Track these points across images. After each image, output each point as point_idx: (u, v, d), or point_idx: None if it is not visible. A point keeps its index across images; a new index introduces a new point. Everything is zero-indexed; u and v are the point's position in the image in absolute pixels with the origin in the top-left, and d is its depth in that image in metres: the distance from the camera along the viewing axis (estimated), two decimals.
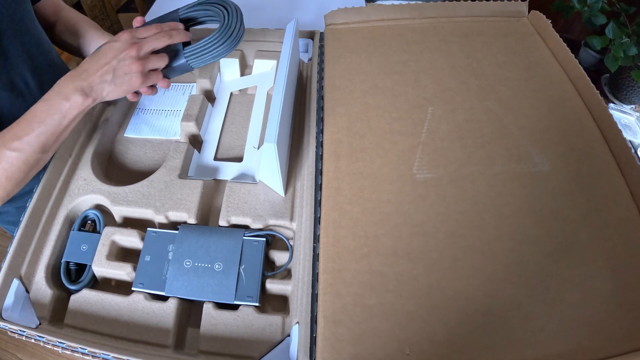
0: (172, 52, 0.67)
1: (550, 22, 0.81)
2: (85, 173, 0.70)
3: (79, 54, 0.83)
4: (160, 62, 0.64)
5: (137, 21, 0.68)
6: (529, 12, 0.86)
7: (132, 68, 0.60)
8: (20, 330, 0.55)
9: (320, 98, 0.74)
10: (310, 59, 0.87)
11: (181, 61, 0.67)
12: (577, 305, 0.50)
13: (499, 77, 0.74)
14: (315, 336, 0.50)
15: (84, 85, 0.58)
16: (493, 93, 0.71)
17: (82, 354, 0.53)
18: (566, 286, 0.51)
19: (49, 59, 0.77)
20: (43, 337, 0.54)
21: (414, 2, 0.86)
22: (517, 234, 0.55)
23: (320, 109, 0.73)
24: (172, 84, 0.86)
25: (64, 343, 0.53)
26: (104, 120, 0.78)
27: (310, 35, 0.90)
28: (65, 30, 0.83)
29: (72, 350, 0.54)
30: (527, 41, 0.81)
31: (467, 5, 0.85)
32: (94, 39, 0.80)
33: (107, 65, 0.58)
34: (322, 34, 0.89)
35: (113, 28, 1.54)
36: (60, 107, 0.57)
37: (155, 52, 0.64)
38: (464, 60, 0.77)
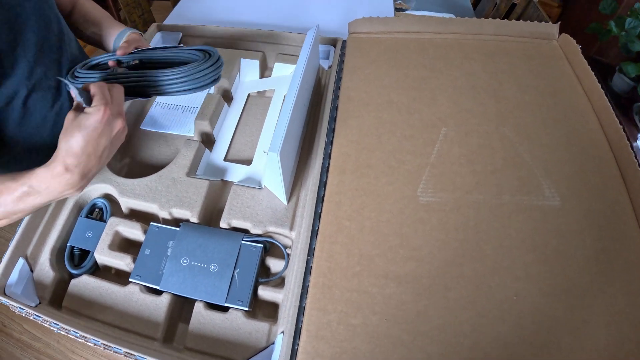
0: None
1: (582, 46, 0.78)
2: None
3: (93, 42, 0.85)
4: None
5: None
6: (559, 34, 0.84)
7: (124, 136, 0.58)
8: (20, 307, 0.57)
9: (334, 108, 0.74)
10: (330, 67, 0.87)
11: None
12: (569, 351, 0.48)
13: (519, 101, 0.72)
14: (297, 348, 0.50)
15: (84, 184, 0.54)
16: (511, 118, 0.69)
17: (75, 337, 0.55)
18: (559, 330, 0.49)
19: (71, 51, 0.79)
20: (40, 317, 0.56)
21: (440, 16, 0.84)
22: (515, 270, 0.54)
23: (333, 119, 0.72)
24: None
25: (58, 325, 0.55)
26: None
27: (333, 42, 0.89)
28: (81, 19, 0.85)
29: (65, 332, 0.56)
30: (554, 66, 0.78)
31: (495, 24, 0.83)
32: (108, 27, 0.81)
33: (105, 152, 0.54)
34: (344, 41, 0.88)
35: (144, 17, 1.56)
36: (50, 201, 0.54)
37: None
38: (486, 81, 0.75)
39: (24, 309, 0.57)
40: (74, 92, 0.53)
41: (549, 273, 0.54)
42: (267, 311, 0.61)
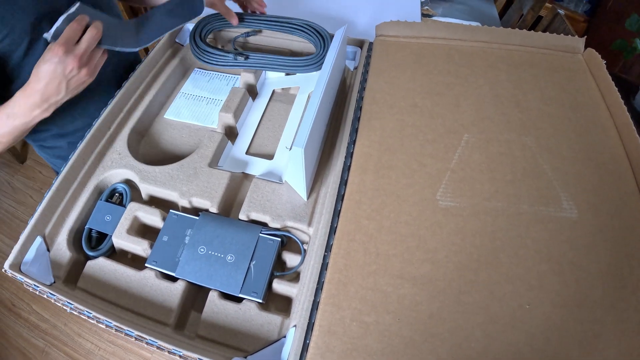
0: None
1: (606, 63, 0.78)
2: (120, 147, 0.73)
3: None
4: (99, 53, 0.67)
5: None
6: (585, 48, 0.84)
7: (82, 76, 0.65)
8: (35, 285, 0.58)
9: (358, 109, 0.75)
10: (356, 68, 0.88)
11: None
12: None
13: (542, 112, 0.72)
14: (309, 343, 0.51)
15: (44, 107, 0.65)
16: (533, 129, 0.70)
17: (87, 317, 0.56)
18: (569, 341, 0.50)
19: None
20: (55, 295, 0.57)
21: (467, 24, 0.85)
22: (529, 279, 0.54)
23: (357, 119, 0.73)
24: (217, 73, 0.89)
25: (72, 304, 0.56)
26: (147, 100, 0.81)
27: (360, 43, 0.90)
28: None
29: (78, 312, 0.57)
30: (578, 79, 0.78)
31: (521, 34, 0.84)
32: None
33: (58, 87, 0.63)
34: (371, 44, 0.89)
35: None
36: (25, 123, 0.66)
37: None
38: (510, 91, 0.76)
39: (38, 287, 0.58)
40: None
41: (562, 284, 0.54)
42: (280, 305, 0.62)
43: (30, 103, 0.64)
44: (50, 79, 0.62)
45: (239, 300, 0.59)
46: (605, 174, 0.65)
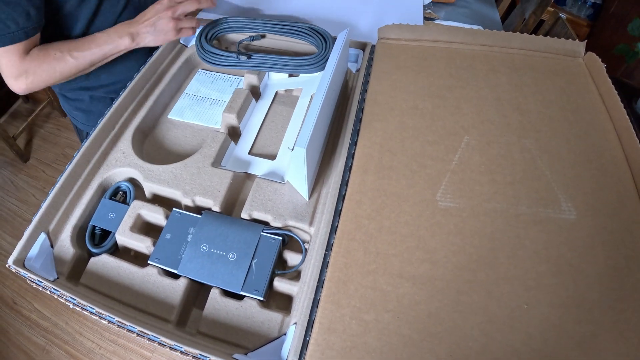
0: None
1: (608, 67, 0.78)
2: (124, 146, 0.74)
3: None
4: (190, 23, 0.84)
5: None
6: (586, 52, 0.84)
7: (168, 25, 0.80)
8: (38, 281, 0.59)
9: (360, 110, 0.75)
10: (358, 70, 0.88)
11: None
12: None
13: (542, 115, 0.73)
14: (308, 340, 0.52)
15: (133, 31, 0.80)
16: (533, 131, 0.70)
17: (90, 313, 0.57)
18: (567, 342, 0.50)
19: None
20: (58, 291, 0.58)
21: (469, 27, 0.86)
22: (527, 279, 0.55)
23: (358, 121, 0.74)
24: (221, 74, 0.90)
25: (75, 299, 0.57)
26: (151, 100, 0.82)
27: (362, 46, 0.91)
28: None
29: (81, 308, 0.57)
30: (579, 83, 0.79)
31: (522, 38, 0.84)
32: None
33: (149, 21, 0.79)
34: (373, 46, 0.90)
35: None
36: (113, 41, 0.79)
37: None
38: (510, 94, 0.76)
39: (41, 282, 0.59)
40: None
41: (560, 285, 0.54)
42: (281, 303, 0.62)
43: (128, 31, 0.80)
44: (149, 14, 0.81)
45: (240, 297, 0.60)
46: (605, 176, 0.65)
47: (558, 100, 0.76)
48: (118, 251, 0.68)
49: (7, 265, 0.60)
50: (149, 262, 0.62)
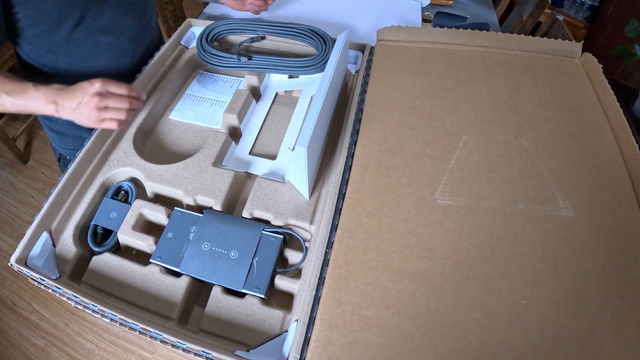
0: None
1: (605, 68, 0.79)
2: (126, 146, 0.74)
3: None
4: (116, 114, 0.70)
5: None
6: (582, 53, 0.85)
7: (91, 114, 0.69)
8: (41, 279, 0.59)
9: (360, 111, 0.76)
10: (357, 71, 0.89)
11: None
12: (573, 356, 0.50)
13: (539, 115, 0.74)
14: (310, 336, 0.52)
15: (59, 102, 0.70)
16: (530, 131, 0.71)
17: (92, 311, 0.57)
18: (564, 337, 0.51)
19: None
20: (60, 289, 0.58)
21: (467, 30, 0.87)
22: (525, 276, 0.56)
23: (358, 121, 0.74)
24: (221, 76, 0.91)
25: (77, 297, 0.57)
26: (152, 100, 0.82)
27: (361, 47, 0.92)
28: None
29: (83, 306, 0.58)
30: (575, 83, 0.80)
31: (519, 39, 0.85)
32: None
33: (75, 99, 0.69)
34: (372, 48, 0.91)
35: (175, 13, 1.60)
36: (39, 102, 0.70)
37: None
38: (507, 94, 0.77)
39: (44, 281, 0.59)
40: None
41: (558, 282, 0.55)
42: (282, 301, 0.63)
43: (54, 99, 0.70)
44: (77, 92, 0.70)
45: (241, 295, 0.60)
46: (601, 175, 0.66)
47: (555, 101, 0.76)
48: (120, 250, 0.68)
49: (9, 264, 0.60)
50: (151, 260, 0.62)
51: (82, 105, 0.69)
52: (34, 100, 0.71)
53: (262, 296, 0.59)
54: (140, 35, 0.93)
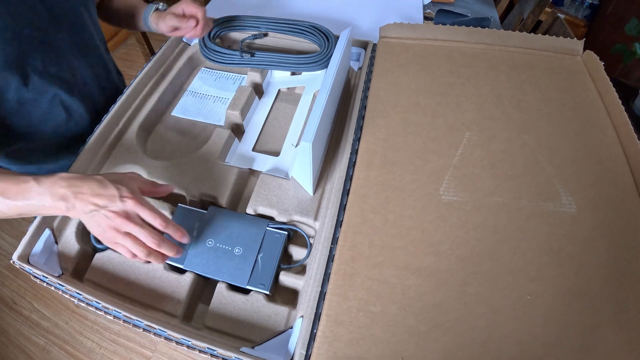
0: None
1: (604, 64, 0.80)
2: (128, 143, 0.74)
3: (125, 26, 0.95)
4: (138, 250, 0.56)
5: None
6: (583, 51, 0.85)
7: (106, 231, 0.56)
8: (43, 276, 0.59)
9: (363, 107, 0.76)
10: (360, 68, 0.89)
11: None
12: (577, 352, 0.50)
13: (542, 112, 0.74)
14: (316, 332, 0.52)
15: (70, 199, 0.55)
16: (533, 128, 0.71)
17: (96, 308, 0.57)
18: (569, 331, 0.51)
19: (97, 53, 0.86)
20: (63, 286, 0.58)
21: (469, 27, 0.87)
22: (530, 271, 0.56)
23: (361, 117, 0.74)
24: (224, 72, 0.91)
25: (81, 294, 0.57)
26: (155, 97, 0.83)
27: (364, 45, 0.92)
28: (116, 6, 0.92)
29: (87, 303, 0.57)
30: (577, 80, 0.80)
31: (521, 36, 0.85)
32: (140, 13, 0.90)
33: (95, 206, 0.54)
34: (375, 45, 0.91)
35: None
36: (42, 201, 0.55)
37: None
38: (510, 91, 0.77)
39: (46, 278, 0.59)
40: None
41: (562, 277, 0.55)
42: (286, 297, 0.63)
43: (64, 194, 0.55)
44: (102, 197, 0.55)
45: (246, 292, 0.60)
46: (603, 171, 0.66)
47: (557, 98, 0.77)
48: None
49: (11, 261, 0.60)
50: None
51: (100, 215, 0.55)
52: (37, 199, 0.54)
53: (267, 292, 0.59)
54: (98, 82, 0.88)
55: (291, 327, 0.57)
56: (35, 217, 0.63)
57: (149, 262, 0.59)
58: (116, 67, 1.00)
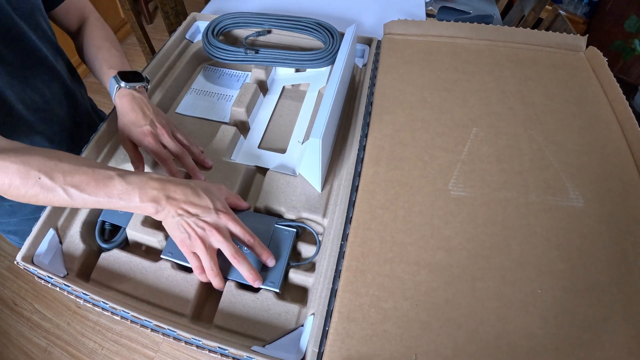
0: None
1: (607, 60, 0.80)
2: None
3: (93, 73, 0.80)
4: (214, 272, 0.57)
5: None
6: (587, 47, 0.86)
7: (193, 242, 0.56)
8: (48, 277, 0.58)
9: (369, 104, 0.76)
10: (365, 65, 0.89)
11: None
12: (587, 345, 0.50)
13: (547, 107, 0.74)
14: (328, 330, 0.52)
15: (162, 205, 0.54)
16: (539, 123, 0.72)
17: (103, 308, 0.56)
18: (579, 324, 0.51)
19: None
20: (69, 287, 0.57)
21: (473, 24, 0.87)
22: (539, 265, 0.56)
23: (368, 114, 0.75)
24: (227, 70, 0.91)
25: (87, 295, 0.56)
26: (158, 95, 0.82)
27: (368, 41, 0.92)
28: (84, 46, 0.80)
29: (93, 304, 0.57)
30: (581, 76, 0.80)
31: (525, 33, 0.86)
32: (104, 72, 0.74)
33: (186, 213, 0.55)
34: (379, 41, 0.91)
35: (176, 9, 1.58)
36: (131, 200, 0.53)
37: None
38: (515, 87, 0.78)
39: (52, 279, 0.58)
40: None
41: (572, 270, 0.56)
42: (296, 294, 0.63)
43: (156, 196, 0.54)
44: (203, 202, 0.56)
45: (255, 290, 0.60)
46: (609, 165, 0.67)
47: (561, 93, 0.77)
48: (128, 246, 0.67)
49: (15, 262, 0.59)
50: (161, 256, 0.62)
51: (189, 221, 0.54)
52: (122, 197, 0.53)
53: (277, 290, 0.59)
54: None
55: (302, 325, 0.57)
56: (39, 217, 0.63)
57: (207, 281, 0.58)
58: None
